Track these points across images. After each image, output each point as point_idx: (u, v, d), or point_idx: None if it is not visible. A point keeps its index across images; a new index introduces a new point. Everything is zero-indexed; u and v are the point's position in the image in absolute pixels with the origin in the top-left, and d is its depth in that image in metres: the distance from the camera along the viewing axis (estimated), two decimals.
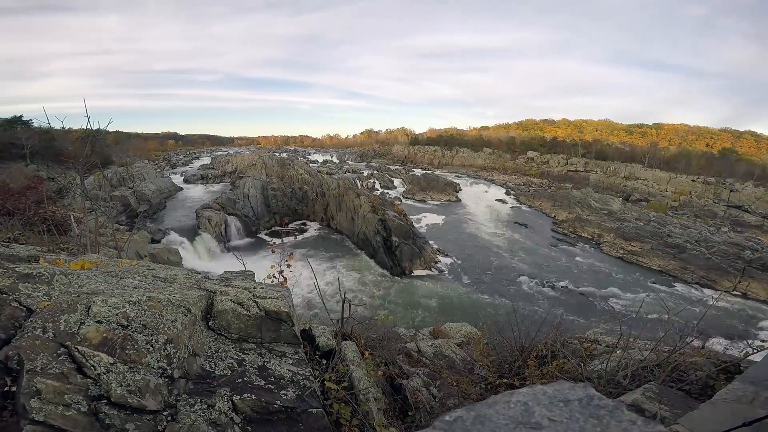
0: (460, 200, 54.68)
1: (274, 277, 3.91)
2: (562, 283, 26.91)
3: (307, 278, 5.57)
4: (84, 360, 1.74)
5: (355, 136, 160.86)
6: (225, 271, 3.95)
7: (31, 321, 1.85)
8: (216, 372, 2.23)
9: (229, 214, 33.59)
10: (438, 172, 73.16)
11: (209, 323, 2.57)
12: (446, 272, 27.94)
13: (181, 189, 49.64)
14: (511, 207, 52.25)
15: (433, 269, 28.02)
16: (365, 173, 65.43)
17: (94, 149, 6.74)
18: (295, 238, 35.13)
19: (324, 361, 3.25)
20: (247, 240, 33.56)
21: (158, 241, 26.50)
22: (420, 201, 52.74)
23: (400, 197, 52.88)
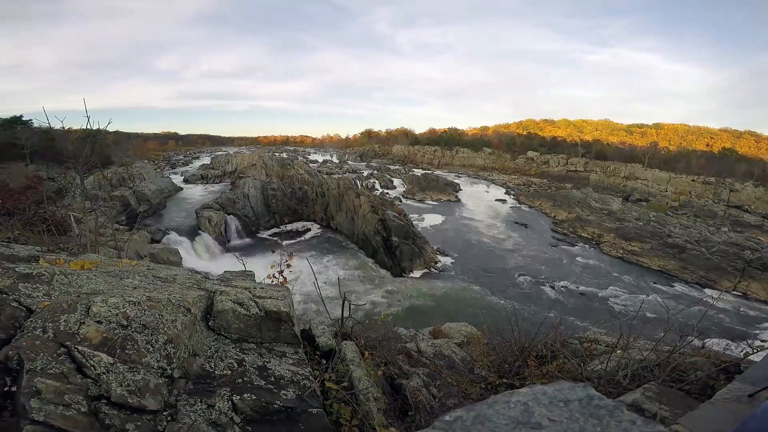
0: (460, 200, 54.69)
1: (274, 277, 3.91)
2: (562, 283, 26.91)
3: (307, 278, 5.55)
4: (84, 360, 1.74)
5: (354, 136, 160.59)
6: (225, 271, 3.96)
7: (31, 321, 1.84)
8: (216, 372, 2.23)
9: (229, 214, 33.58)
10: (438, 172, 73.16)
11: (209, 323, 2.56)
12: (446, 272, 27.93)
13: (181, 189, 49.63)
14: (511, 207, 52.25)
15: (432, 269, 28.02)
16: (365, 173, 65.43)
17: (94, 149, 6.74)
18: (295, 238, 35.15)
19: (324, 361, 3.25)
20: (247, 240, 33.54)
21: (158, 241, 26.50)
22: (420, 201, 52.73)
23: (400, 197, 52.86)
